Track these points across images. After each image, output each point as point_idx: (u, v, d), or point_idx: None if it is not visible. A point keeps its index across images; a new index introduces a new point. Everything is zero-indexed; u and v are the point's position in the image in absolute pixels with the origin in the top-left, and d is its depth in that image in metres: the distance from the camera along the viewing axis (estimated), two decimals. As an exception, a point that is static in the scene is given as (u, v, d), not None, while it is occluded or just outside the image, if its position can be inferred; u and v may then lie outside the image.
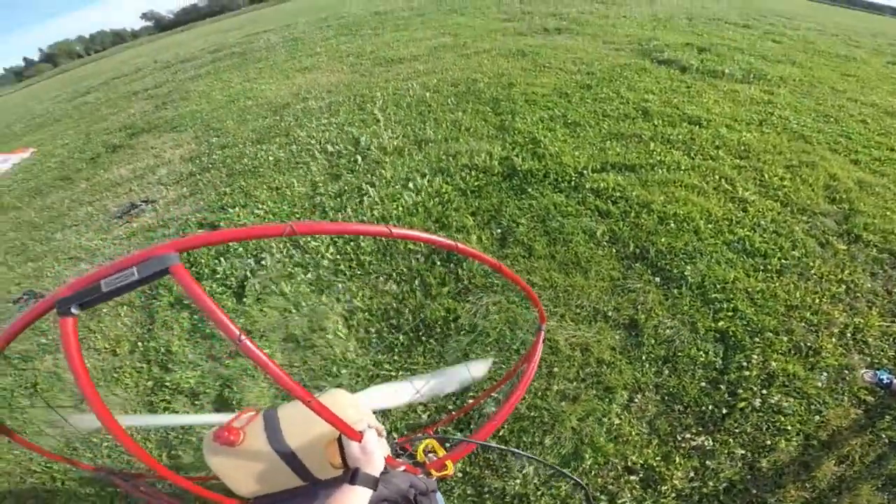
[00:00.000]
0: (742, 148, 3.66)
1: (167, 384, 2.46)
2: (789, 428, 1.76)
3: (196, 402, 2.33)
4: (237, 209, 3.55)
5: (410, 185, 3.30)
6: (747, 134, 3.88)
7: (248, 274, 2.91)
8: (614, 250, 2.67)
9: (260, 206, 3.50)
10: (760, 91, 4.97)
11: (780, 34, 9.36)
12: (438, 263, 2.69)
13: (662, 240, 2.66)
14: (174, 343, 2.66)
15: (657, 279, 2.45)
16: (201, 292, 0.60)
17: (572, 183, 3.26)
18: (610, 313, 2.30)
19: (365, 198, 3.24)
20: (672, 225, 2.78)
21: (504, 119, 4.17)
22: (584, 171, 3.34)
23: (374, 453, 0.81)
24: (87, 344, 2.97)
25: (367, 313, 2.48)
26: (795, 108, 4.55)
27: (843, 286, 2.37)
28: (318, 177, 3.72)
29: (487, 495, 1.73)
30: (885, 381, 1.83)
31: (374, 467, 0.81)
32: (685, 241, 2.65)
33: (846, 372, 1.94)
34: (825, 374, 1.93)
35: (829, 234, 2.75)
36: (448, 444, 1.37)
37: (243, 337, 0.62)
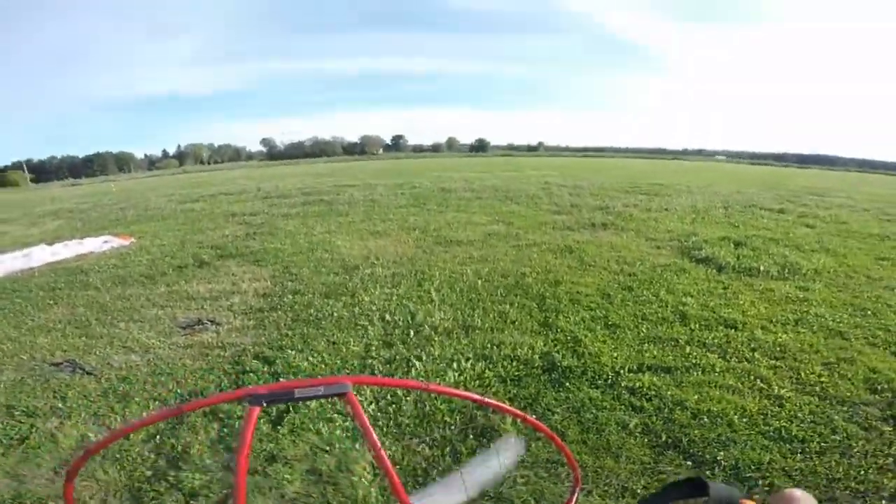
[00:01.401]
0: (778, 349, 3.72)
1: (168, 478, 2.47)
2: None
3: (191, 502, 2.30)
4: (294, 352, 3.86)
5: (455, 365, 3.53)
6: (783, 335, 3.96)
7: (290, 408, 3.04)
8: (646, 440, 2.69)
9: (315, 354, 3.81)
10: (795, 288, 5.18)
11: (814, 216, 9.93)
12: (471, 437, 2.75)
13: (696, 432, 2.70)
14: (194, 446, 2.71)
15: (689, 463, 2.46)
16: (366, 422, 0.91)
17: (609, 381, 3.37)
18: (639, 490, 2.28)
19: (412, 370, 3.47)
20: (706, 420, 2.82)
21: (548, 316, 4.54)
22: (621, 371, 3.48)
23: None
24: (104, 422, 3.07)
25: (396, 468, 2.47)
26: (831, 303, 4.65)
27: (892, 458, 2.34)
28: (373, 341, 4.05)
29: None
30: None
31: None
32: (718, 433, 2.68)
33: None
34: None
35: (872, 419, 2.73)
36: None
37: (384, 454, 0.92)
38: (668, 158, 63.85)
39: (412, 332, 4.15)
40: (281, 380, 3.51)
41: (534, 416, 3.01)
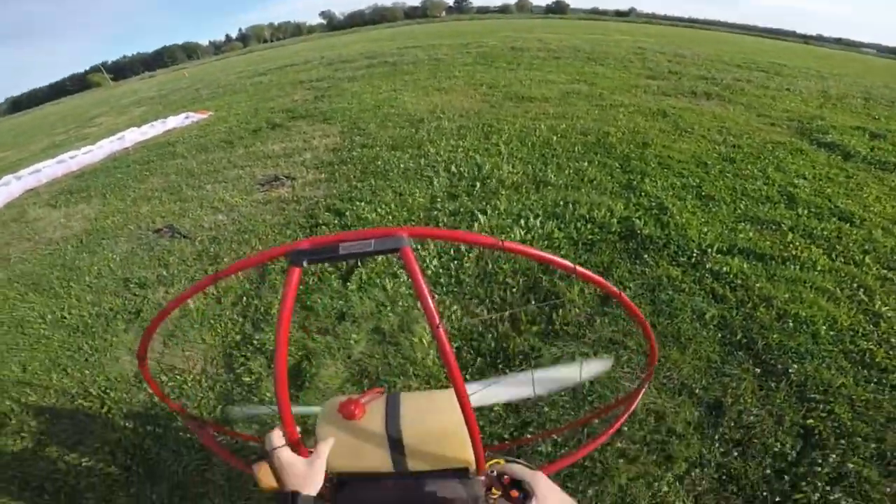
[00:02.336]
0: (894, 258, 3.12)
1: (253, 342, 2.73)
2: None
3: (271, 366, 2.53)
4: (363, 203, 3.94)
5: (522, 222, 3.37)
6: None
7: (358, 263, 3.19)
8: (719, 335, 2.49)
9: (383, 206, 3.85)
10: (935, 192, 4.13)
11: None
12: (533, 301, 2.71)
13: (775, 336, 2.44)
14: (275, 305, 2.96)
15: (757, 370, 2.29)
16: (420, 277, 0.70)
17: (693, 259, 3.05)
18: (697, 390, 2.19)
19: (475, 223, 3.39)
20: (790, 324, 2.53)
21: (632, 178, 4.06)
22: (708, 250, 3.11)
23: None
24: None
25: (453, 329, 2.59)
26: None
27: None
28: (438, 192, 3.97)
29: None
30: None
31: None
32: (799, 342, 2.41)
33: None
34: (900, 483, 1.75)
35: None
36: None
37: (441, 326, 0.70)
38: (796, 41, 50.03)
39: (478, 185, 3.98)
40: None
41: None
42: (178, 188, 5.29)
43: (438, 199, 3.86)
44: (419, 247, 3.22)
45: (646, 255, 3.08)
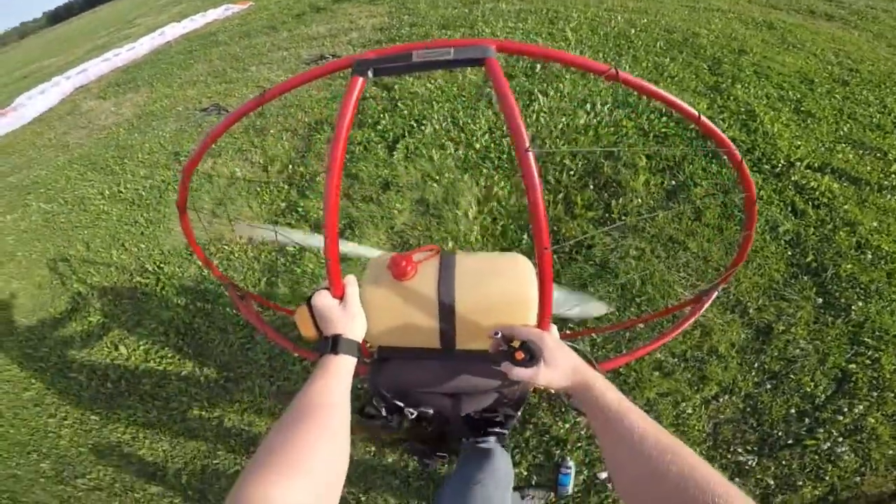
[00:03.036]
0: None
1: (298, 209, 2.66)
2: (826, 478, 1.57)
3: (315, 233, 2.51)
4: (412, 79, 3.64)
5: (588, 106, 2.98)
6: None
7: (406, 133, 2.97)
8: (789, 253, 2.21)
9: (433, 80, 3.53)
10: None
11: None
12: (591, 187, 2.43)
13: (849, 266, 2.13)
14: (320, 173, 2.87)
15: (819, 300, 2.03)
16: (509, 91, 0.58)
17: (777, 169, 2.66)
18: (751, 311, 1.99)
19: (535, 103, 3.02)
20: (868, 256, 2.19)
21: (721, 82, 3.47)
22: (797, 163, 2.69)
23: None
24: (245, 156, 3.36)
25: (500, 206, 2.37)
26: None
27: None
28: (494, 73, 3.57)
29: (530, 427, 1.70)
30: None
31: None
32: (872, 278, 2.09)
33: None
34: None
35: None
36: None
37: (529, 149, 0.58)
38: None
39: (538, 66, 3.54)
40: (399, 105, 3.33)
41: (673, 184, 2.51)
42: (222, 72, 5.19)
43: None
44: (470, 121, 2.92)
45: (724, 157, 2.68)
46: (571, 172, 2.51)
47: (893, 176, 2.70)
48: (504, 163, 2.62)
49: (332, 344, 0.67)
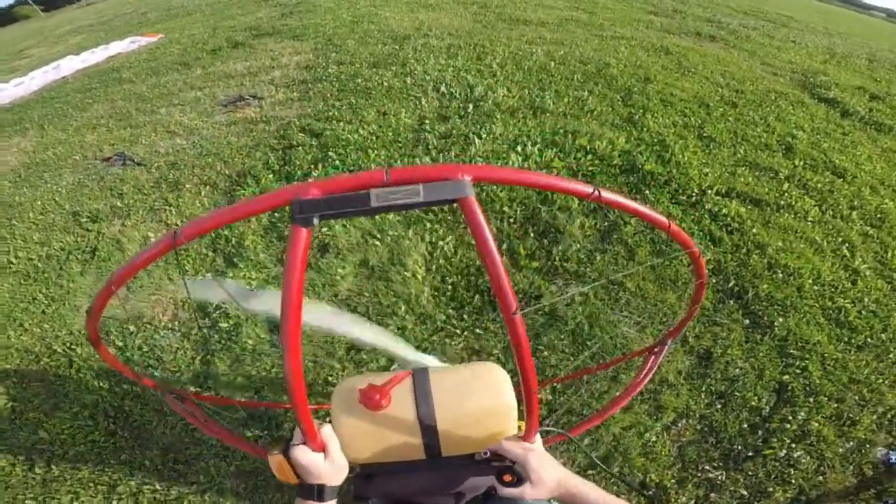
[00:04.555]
0: (878, 216, 3.15)
1: (227, 279, 2.44)
2: (792, 481, 1.75)
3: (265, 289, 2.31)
4: (343, 124, 3.51)
5: (519, 148, 3.09)
6: (889, 202, 3.33)
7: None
8: (713, 280, 2.44)
9: (366, 126, 3.45)
10: (923, 157, 4.17)
11: None
12: (532, 235, 2.51)
13: (765, 286, 2.41)
14: (248, 236, 2.64)
15: (746, 321, 2.28)
16: (489, 236, 0.54)
17: (693, 199, 2.93)
18: (690, 339, 2.17)
19: (471, 147, 3.08)
20: (780, 275, 2.50)
21: (633, 113, 3.79)
22: (708, 191, 2.99)
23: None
24: (160, 217, 3.03)
25: (448, 262, 2.37)
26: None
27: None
28: (427, 113, 3.59)
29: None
30: (891, 461, 1.86)
31: None
32: (786, 295, 2.40)
33: (867, 446, 1.88)
34: (850, 443, 1.89)
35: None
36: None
37: (517, 312, 0.57)
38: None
39: (471, 107, 3.62)
40: (330, 154, 3.19)
41: (606, 225, 2.65)
42: (126, 114, 4.66)
43: (427, 121, 3.48)
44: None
45: (647, 191, 2.92)
46: (512, 220, 2.57)
47: (786, 195, 3.11)
48: (447, 214, 2.62)
49: (318, 493, 0.71)
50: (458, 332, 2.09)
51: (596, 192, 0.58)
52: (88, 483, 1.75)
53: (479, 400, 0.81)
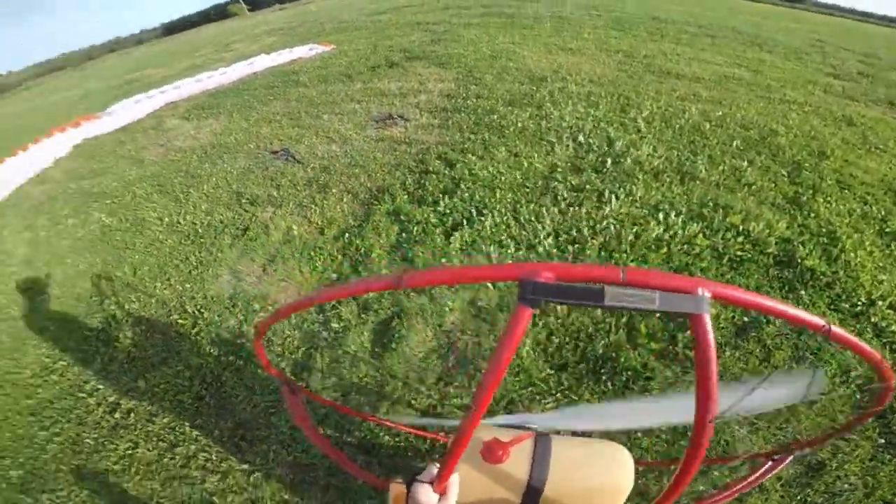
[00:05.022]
0: None
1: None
2: None
3: (363, 315, 2.43)
4: (475, 158, 3.67)
5: (660, 216, 2.88)
6: None
7: (465, 221, 2.95)
8: (857, 397, 2.01)
9: (496, 164, 3.55)
10: None
11: None
12: (658, 315, 2.32)
13: None
14: (375, 249, 2.85)
15: (881, 440, 1.89)
16: (713, 356, 0.55)
17: (857, 308, 2.44)
18: (807, 449, 1.78)
19: (605, 206, 2.97)
20: None
21: (801, 193, 3.30)
22: (879, 301, 2.46)
23: None
24: (304, 213, 3.37)
25: (558, 321, 2.30)
26: None
27: None
28: (560, 161, 3.55)
29: None
30: None
31: None
32: None
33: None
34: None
35: None
36: None
37: (712, 420, 0.58)
38: None
39: (609, 162, 3.48)
40: (461, 187, 3.31)
41: (745, 320, 2.34)
42: (297, 115, 5.44)
43: (559, 169, 3.45)
44: (533, 218, 2.87)
45: (802, 291, 2.51)
46: (638, 294, 2.42)
47: None
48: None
49: None
50: (552, 392, 2.01)
51: (827, 327, 0.59)
52: (153, 436, 1.97)
53: (596, 477, 0.83)
